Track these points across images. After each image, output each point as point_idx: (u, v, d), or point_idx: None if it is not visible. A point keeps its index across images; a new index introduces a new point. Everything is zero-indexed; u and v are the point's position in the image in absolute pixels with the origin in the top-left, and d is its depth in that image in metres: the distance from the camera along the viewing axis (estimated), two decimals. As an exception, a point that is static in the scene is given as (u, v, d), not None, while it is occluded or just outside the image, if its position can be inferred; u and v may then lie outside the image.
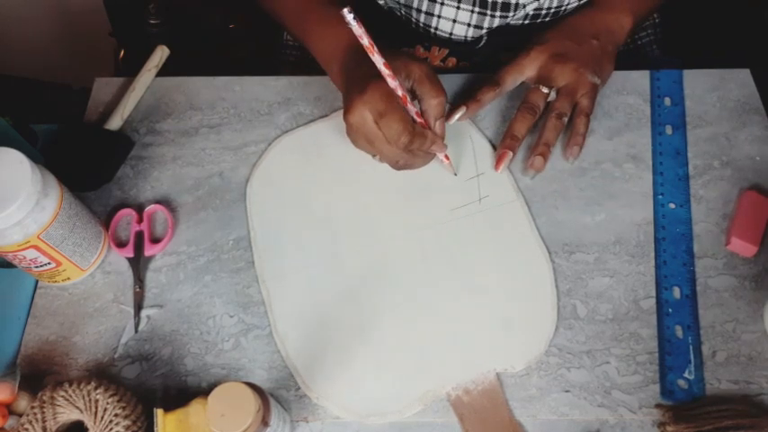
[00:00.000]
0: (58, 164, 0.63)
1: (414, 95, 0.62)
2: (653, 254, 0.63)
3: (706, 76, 0.74)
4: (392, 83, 0.58)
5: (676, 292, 0.61)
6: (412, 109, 0.61)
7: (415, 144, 0.60)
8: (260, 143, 0.71)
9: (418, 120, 0.62)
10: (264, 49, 0.72)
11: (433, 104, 0.61)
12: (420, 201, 0.66)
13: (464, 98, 0.71)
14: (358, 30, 0.54)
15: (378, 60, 0.56)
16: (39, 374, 0.59)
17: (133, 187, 0.69)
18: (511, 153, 0.67)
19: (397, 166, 0.63)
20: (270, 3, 0.75)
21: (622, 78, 0.74)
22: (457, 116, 0.70)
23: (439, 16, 0.73)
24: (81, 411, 0.52)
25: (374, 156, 0.65)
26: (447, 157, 0.66)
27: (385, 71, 0.57)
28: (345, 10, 0.52)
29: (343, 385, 0.57)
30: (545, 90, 0.68)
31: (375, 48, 0.56)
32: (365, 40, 0.55)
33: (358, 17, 0.53)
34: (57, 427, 0.52)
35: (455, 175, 0.67)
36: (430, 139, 0.62)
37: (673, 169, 0.68)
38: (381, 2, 0.77)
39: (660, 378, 0.57)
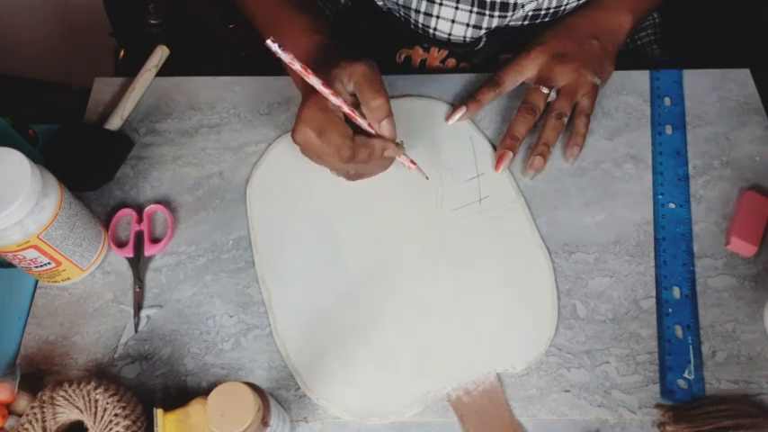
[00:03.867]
0: (58, 164, 0.63)
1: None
2: (653, 254, 0.63)
3: (706, 76, 0.74)
4: (335, 101, 0.57)
5: (676, 292, 0.61)
6: (363, 122, 0.60)
7: (360, 155, 0.59)
8: (260, 143, 0.71)
9: (371, 130, 0.60)
10: (264, 49, 0.72)
11: (374, 107, 0.58)
12: (420, 201, 0.66)
13: (464, 98, 0.71)
14: (286, 58, 0.53)
15: (315, 82, 0.55)
16: (39, 374, 0.59)
17: (133, 187, 0.69)
18: (511, 153, 0.67)
19: (350, 176, 0.62)
20: (245, 4, 0.74)
21: (622, 78, 0.74)
22: (457, 116, 0.70)
23: (437, 17, 0.73)
24: (81, 411, 0.52)
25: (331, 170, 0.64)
26: (413, 162, 0.64)
27: (325, 91, 0.56)
28: (269, 41, 0.51)
29: (344, 385, 0.57)
30: (545, 90, 0.68)
31: (308, 70, 0.54)
32: (296, 66, 0.54)
33: (284, 48, 0.52)
34: (57, 427, 0.52)
35: (426, 179, 0.66)
36: (378, 146, 0.60)
37: (673, 169, 0.68)
38: (380, 3, 0.77)
39: (660, 378, 0.57)
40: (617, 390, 0.56)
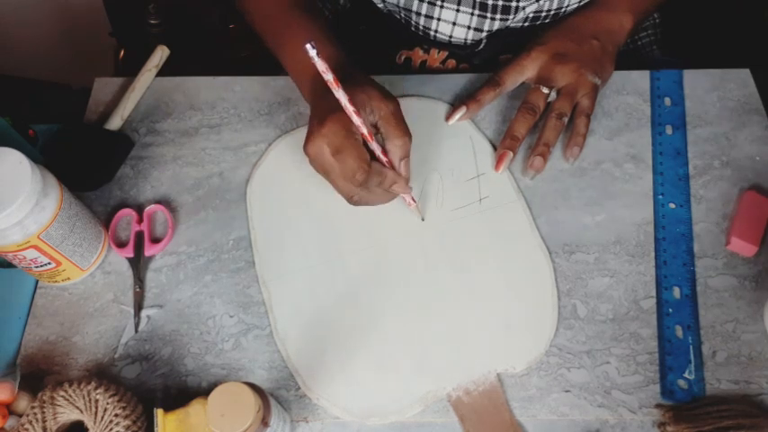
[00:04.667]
0: (58, 164, 0.63)
1: (377, 130, 0.60)
2: (653, 254, 0.63)
3: (706, 76, 0.74)
4: (356, 120, 0.56)
5: (676, 292, 0.61)
6: (377, 147, 0.59)
7: (372, 182, 0.59)
8: (260, 143, 0.71)
9: (383, 158, 0.60)
10: (264, 49, 0.72)
11: (398, 145, 0.59)
12: (420, 201, 0.66)
13: (464, 98, 0.71)
14: (321, 66, 0.52)
15: (341, 96, 0.55)
16: (39, 374, 0.59)
17: (133, 187, 0.69)
18: (511, 153, 0.67)
19: (352, 201, 0.61)
20: (245, 4, 0.73)
21: (622, 78, 0.74)
22: (457, 116, 0.70)
23: (438, 19, 0.73)
24: (81, 411, 0.52)
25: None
26: (414, 199, 0.64)
27: (349, 108, 0.55)
28: (308, 45, 0.51)
29: (344, 386, 0.57)
30: (545, 90, 0.68)
31: (339, 84, 0.54)
32: (328, 76, 0.53)
33: (324, 51, 0.50)
34: (57, 427, 0.52)
35: (422, 220, 0.65)
36: (390, 178, 0.60)
37: (673, 169, 0.68)
38: (380, 5, 0.76)
39: (660, 378, 0.57)
40: (617, 390, 0.56)
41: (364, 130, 0.57)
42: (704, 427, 0.53)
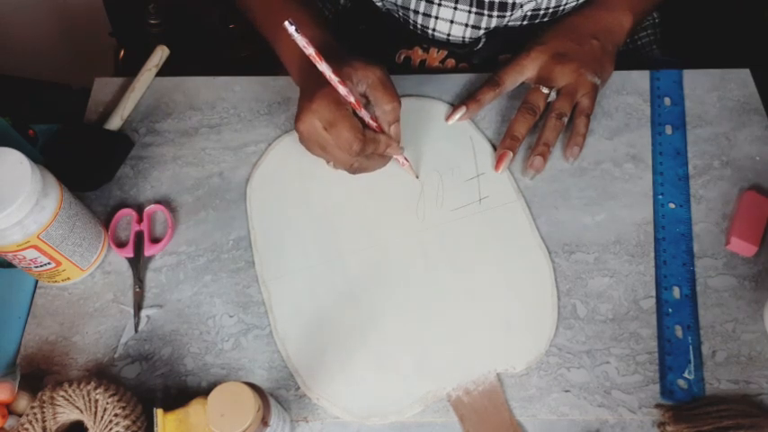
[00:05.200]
0: (57, 164, 0.63)
1: (367, 100, 0.61)
2: (653, 254, 0.63)
3: (706, 76, 0.74)
4: (342, 90, 0.57)
5: (676, 292, 0.61)
6: (366, 114, 0.60)
7: (368, 149, 0.60)
8: (260, 143, 0.71)
9: (373, 124, 0.61)
10: (264, 49, 0.72)
11: (387, 110, 0.61)
12: (420, 201, 0.66)
13: (464, 98, 0.71)
14: (301, 41, 0.53)
15: (325, 69, 0.56)
16: (39, 374, 0.59)
17: (133, 187, 0.69)
18: (511, 153, 0.67)
19: (352, 169, 0.62)
20: (244, 1, 0.74)
21: (622, 78, 0.74)
22: (457, 116, 0.70)
23: (436, 17, 0.73)
24: (81, 411, 0.52)
25: (329, 162, 0.64)
26: (407, 159, 0.66)
27: (334, 78, 0.56)
28: (286, 23, 0.52)
29: (344, 385, 0.57)
30: (545, 90, 0.68)
31: (321, 57, 0.55)
32: (310, 50, 0.54)
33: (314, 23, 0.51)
34: (57, 427, 0.52)
35: (417, 177, 0.67)
36: (384, 142, 0.62)
37: (673, 169, 0.68)
38: (379, 4, 0.77)
39: (660, 378, 0.57)
40: (617, 390, 0.56)
41: (352, 99, 0.58)
42: (704, 427, 0.53)
